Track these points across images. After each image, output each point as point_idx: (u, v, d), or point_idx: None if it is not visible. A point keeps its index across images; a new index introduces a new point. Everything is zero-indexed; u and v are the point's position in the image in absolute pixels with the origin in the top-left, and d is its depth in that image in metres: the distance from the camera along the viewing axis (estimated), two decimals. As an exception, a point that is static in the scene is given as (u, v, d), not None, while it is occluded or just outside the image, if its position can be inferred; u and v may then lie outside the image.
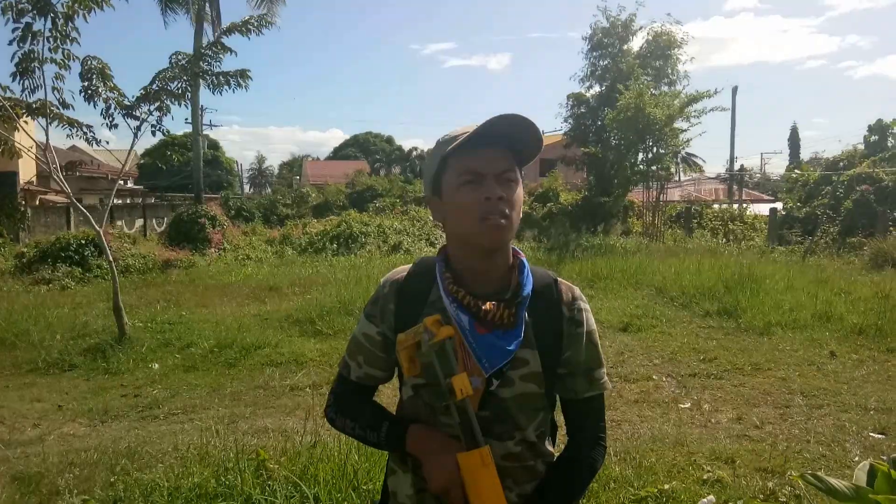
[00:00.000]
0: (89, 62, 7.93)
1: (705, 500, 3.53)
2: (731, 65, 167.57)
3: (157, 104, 8.38)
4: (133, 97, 8.31)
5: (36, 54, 7.53)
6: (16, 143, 7.92)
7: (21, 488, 3.92)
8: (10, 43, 7.38)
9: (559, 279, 1.48)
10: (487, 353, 1.32)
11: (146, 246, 16.46)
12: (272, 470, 3.60)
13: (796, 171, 24.63)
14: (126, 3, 7.14)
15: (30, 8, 7.23)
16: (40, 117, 8.00)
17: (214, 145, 47.34)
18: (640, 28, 20.88)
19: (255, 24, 8.25)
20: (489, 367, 1.32)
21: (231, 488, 3.49)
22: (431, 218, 1.50)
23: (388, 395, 2.06)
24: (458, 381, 1.23)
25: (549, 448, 1.48)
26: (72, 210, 18.76)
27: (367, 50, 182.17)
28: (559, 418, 1.51)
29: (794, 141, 54.19)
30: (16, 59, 7.50)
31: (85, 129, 8.30)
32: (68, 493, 3.73)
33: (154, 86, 8.33)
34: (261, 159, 77.36)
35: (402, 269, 1.49)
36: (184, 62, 8.44)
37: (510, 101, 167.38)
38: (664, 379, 6.28)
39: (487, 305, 1.34)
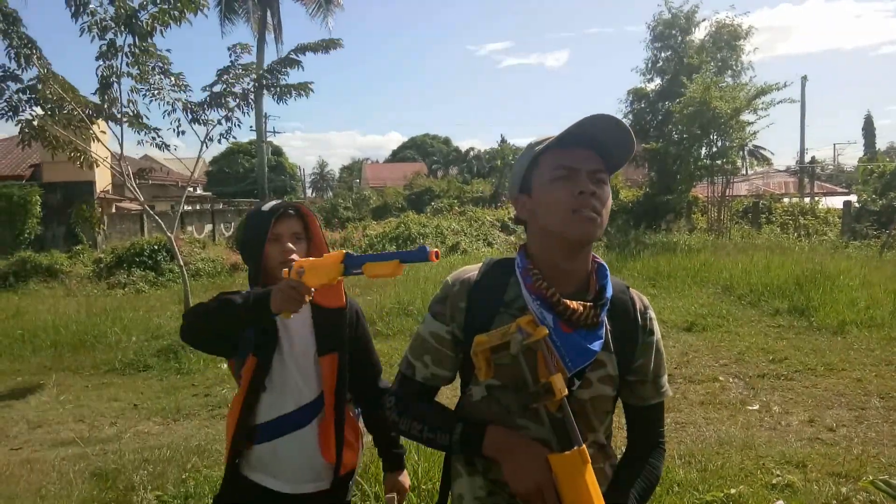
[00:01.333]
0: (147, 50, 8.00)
1: (775, 505, 3.42)
2: (800, 53, 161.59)
3: (225, 113, 8.74)
4: (199, 99, 8.76)
5: (114, 69, 7.97)
6: (92, 153, 8.33)
7: (99, 483, 4.14)
8: (98, 58, 7.88)
9: (630, 287, 1.49)
10: (571, 353, 1.30)
11: (215, 250, 17.05)
12: (334, 468, 3.67)
13: (871, 161, 23.49)
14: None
15: (113, 25, 7.65)
16: (112, 122, 8.47)
17: (278, 151, 48.48)
18: (703, 20, 20.38)
19: (325, 45, 9.24)
20: (572, 366, 1.30)
21: (295, 486, 3.58)
22: (514, 216, 1.49)
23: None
24: (558, 380, 1.22)
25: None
26: (145, 217, 19.55)
27: (423, 52, 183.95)
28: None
29: (868, 130, 51.76)
30: (98, 75, 7.97)
31: (154, 133, 8.68)
32: (143, 488, 3.91)
33: (218, 87, 8.74)
34: (322, 164, 79.16)
35: (471, 269, 1.47)
36: (252, 74, 8.92)
37: (568, 99, 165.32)
38: (731, 380, 6.09)
39: (575, 304, 1.33)
